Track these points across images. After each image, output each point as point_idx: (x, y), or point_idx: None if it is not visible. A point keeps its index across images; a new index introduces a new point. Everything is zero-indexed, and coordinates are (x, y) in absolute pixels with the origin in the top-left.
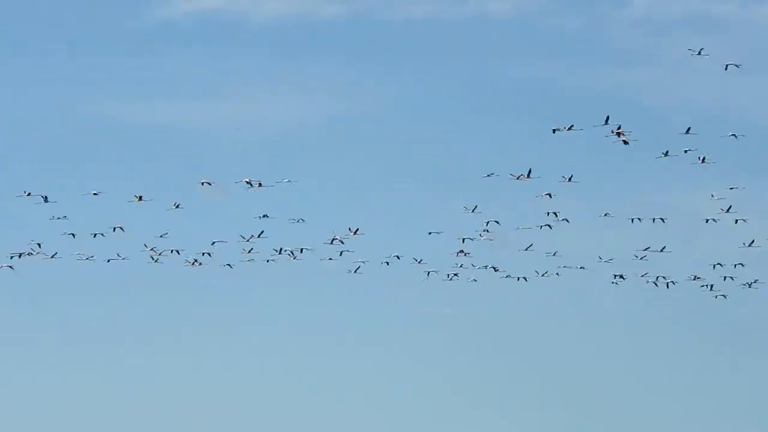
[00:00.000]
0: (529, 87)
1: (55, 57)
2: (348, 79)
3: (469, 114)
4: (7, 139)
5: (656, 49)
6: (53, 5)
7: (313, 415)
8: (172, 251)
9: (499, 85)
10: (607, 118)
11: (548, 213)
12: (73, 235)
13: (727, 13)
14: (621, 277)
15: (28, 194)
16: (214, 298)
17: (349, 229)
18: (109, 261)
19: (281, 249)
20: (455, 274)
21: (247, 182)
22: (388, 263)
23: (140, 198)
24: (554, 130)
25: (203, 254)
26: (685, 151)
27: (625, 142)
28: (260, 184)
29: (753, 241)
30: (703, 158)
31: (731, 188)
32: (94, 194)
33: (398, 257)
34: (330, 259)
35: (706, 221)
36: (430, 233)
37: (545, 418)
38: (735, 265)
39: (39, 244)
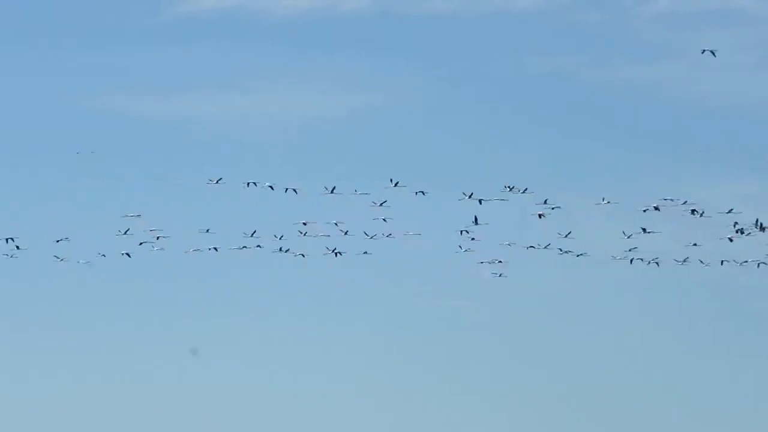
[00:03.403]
0: (550, 81)
1: (77, 51)
2: (369, 73)
3: (490, 108)
4: (23, 132)
5: (678, 44)
6: None
7: (314, 413)
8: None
9: (520, 79)
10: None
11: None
12: None
13: (749, 7)
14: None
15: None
16: (212, 291)
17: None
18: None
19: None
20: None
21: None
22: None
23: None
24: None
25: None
26: None
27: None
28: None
29: None
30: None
31: None
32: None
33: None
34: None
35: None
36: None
37: (547, 416)
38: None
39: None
